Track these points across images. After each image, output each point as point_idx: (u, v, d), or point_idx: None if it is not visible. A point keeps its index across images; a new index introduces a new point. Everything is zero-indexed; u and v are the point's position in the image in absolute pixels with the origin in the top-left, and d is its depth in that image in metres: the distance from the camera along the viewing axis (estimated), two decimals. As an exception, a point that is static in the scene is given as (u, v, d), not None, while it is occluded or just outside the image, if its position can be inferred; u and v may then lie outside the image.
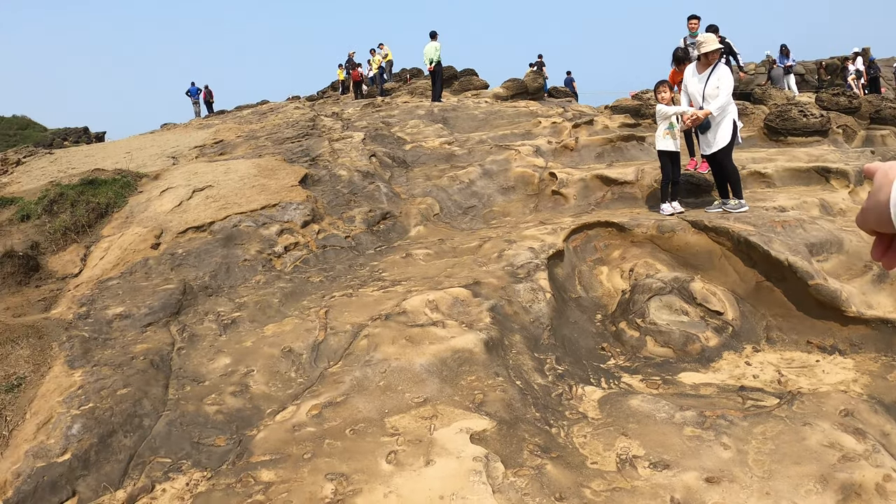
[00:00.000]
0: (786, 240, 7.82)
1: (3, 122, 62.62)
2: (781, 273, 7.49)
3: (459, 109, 19.95)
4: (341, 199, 11.53)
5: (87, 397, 5.89)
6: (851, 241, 8.09)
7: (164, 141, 20.93)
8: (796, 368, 6.66)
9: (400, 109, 20.86)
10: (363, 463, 4.77)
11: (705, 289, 7.75)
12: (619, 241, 9.10)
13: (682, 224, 8.64)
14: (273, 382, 6.22)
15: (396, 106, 22.49)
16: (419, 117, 18.67)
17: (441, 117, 18.75)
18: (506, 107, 20.28)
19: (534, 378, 6.08)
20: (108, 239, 10.40)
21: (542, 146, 14.30)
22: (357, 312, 7.17)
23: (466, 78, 31.26)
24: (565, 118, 17.31)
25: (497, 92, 25.86)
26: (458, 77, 31.85)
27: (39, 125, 63.28)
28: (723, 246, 8.17)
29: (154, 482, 5.01)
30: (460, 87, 29.80)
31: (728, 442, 4.97)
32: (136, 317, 7.70)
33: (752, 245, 7.77)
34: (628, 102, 18.61)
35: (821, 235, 8.10)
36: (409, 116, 18.91)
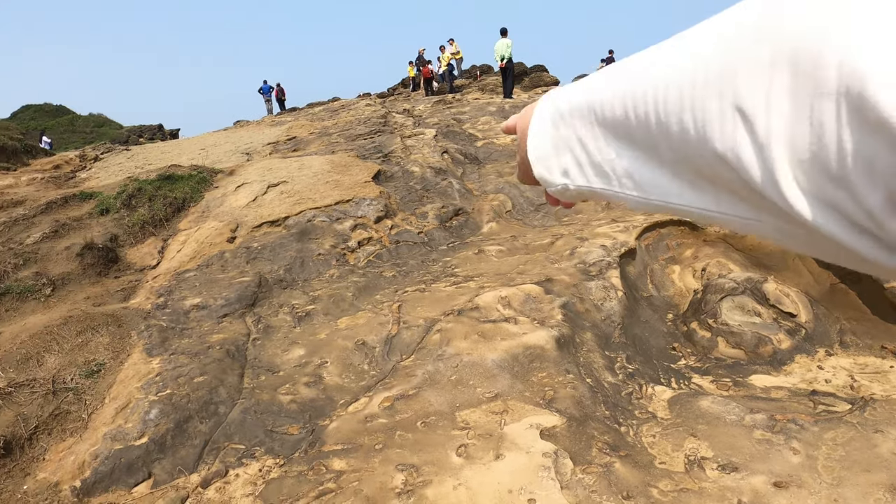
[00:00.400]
0: (862, 242, 7.69)
1: (80, 120, 64.23)
2: (856, 275, 7.40)
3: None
4: (414, 196, 11.65)
5: (165, 384, 6.11)
6: (929, 243, 7.93)
7: (238, 138, 21.24)
8: (869, 374, 6.57)
9: (471, 106, 20.88)
10: (433, 455, 4.87)
11: (778, 290, 7.68)
12: (691, 240, 9.04)
13: (756, 225, 8.55)
14: (346, 374, 6.36)
15: (467, 103, 22.52)
16: (490, 114, 18.67)
17: (512, 114, 18.62)
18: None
19: (604, 376, 6.12)
20: (185, 232, 10.66)
21: (615, 143, 14.19)
22: (429, 307, 7.27)
23: (537, 74, 31.23)
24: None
25: (568, 88, 25.70)
26: (528, 73, 31.84)
27: (115, 122, 64.75)
28: (797, 247, 8.07)
29: (228, 467, 5.18)
30: (531, 83, 29.78)
31: (798, 447, 4.96)
32: (212, 308, 7.90)
33: (827, 246, 7.66)
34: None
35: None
36: (480, 113, 18.92)
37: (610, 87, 0.87)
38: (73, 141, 49.60)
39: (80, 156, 18.96)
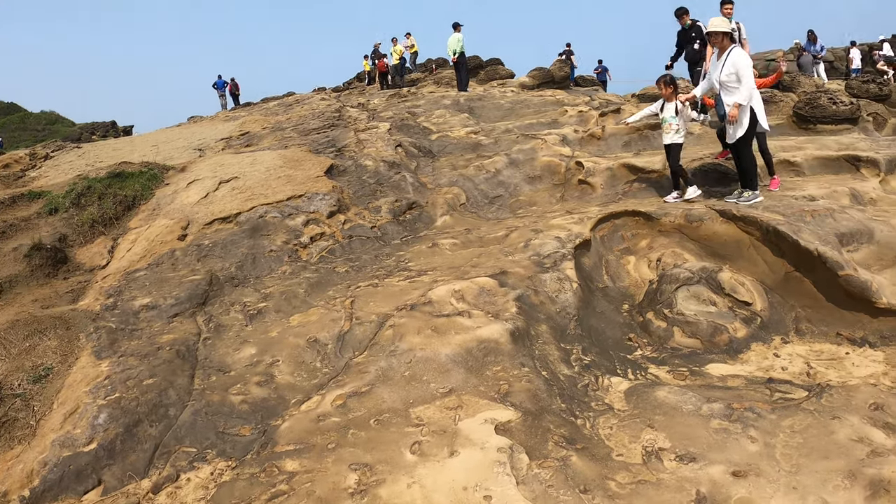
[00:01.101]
0: (815, 229, 7.71)
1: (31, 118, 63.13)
2: (811, 263, 7.39)
3: (485, 99, 19.88)
4: (367, 190, 11.53)
5: (114, 387, 5.95)
6: (882, 230, 7.97)
7: (191, 133, 20.98)
8: (825, 361, 6.57)
9: (426, 100, 20.79)
10: (387, 453, 4.77)
11: (734, 279, 7.66)
12: (646, 231, 9.03)
13: (711, 213, 8.55)
14: (298, 372, 6.24)
15: (422, 96, 22.44)
16: (445, 107, 18.60)
17: (467, 107, 18.67)
18: (532, 96, 20.21)
19: (560, 369, 6.05)
20: (136, 231, 10.46)
21: (569, 135, 14.22)
22: (383, 302, 7.17)
23: (492, 67, 31.15)
24: (592, 107, 17.22)
25: (523, 81, 25.75)
26: (483, 67, 31.73)
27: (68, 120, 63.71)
28: (751, 235, 8.07)
29: (179, 471, 5.06)
30: (486, 76, 29.71)
31: (755, 435, 4.91)
32: (162, 308, 7.75)
33: (781, 235, 7.67)
34: (656, 91, 18.42)
35: (851, 225, 7.98)
36: (434, 106, 18.84)
37: None
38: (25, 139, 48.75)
39: (31, 154, 18.58)
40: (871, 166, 10.80)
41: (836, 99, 14.23)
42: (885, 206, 9.36)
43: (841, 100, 14.26)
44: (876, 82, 17.30)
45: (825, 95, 14.49)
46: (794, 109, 14.65)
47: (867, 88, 16.96)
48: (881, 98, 16.81)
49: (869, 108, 15.94)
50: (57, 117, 64.34)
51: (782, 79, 19.27)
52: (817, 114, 14.15)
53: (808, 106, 14.36)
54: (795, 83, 18.84)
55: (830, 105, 14.10)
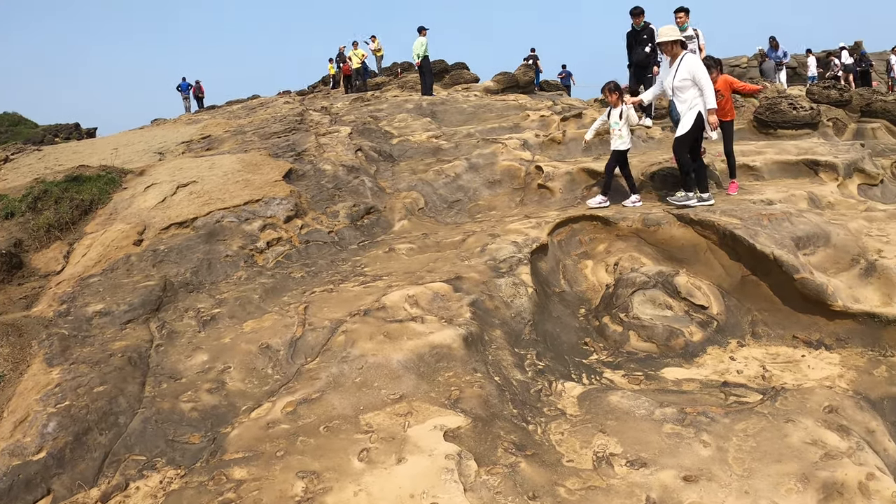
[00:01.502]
0: (772, 233, 7.71)
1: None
2: (767, 267, 7.39)
3: (448, 103, 19.86)
4: (325, 194, 11.42)
5: (64, 395, 5.82)
6: (839, 234, 7.99)
7: (152, 136, 20.79)
8: (781, 363, 6.56)
9: (389, 104, 20.70)
10: (335, 461, 4.68)
11: (690, 283, 7.65)
12: (604, 235, 9.00)
13: (668, 217, 8.53)
14: (249, 379, 6.13)
15: (385, 100, 22.35)
16: (407, 111, 18.55)
17: (429, 111, 18.64)
18: (495, 100, 20.21)
19: (513, 374, 5.98)
20: (91, 236, 10.27)
21: (530, 139, 14.20)
22: (336, 308, 7.07)
23: (457, 72, 31.21)
24: (554, 111, 17.23)
25: (487, 86, 25.80)
26: (448, 71, 31.80)
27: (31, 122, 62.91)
28: (708, 239, 8.07)
29: (128, 480, 4.95)
30: (451, 80, 29.74)
31: (708, 439, 4.88)
32: (115, 314, 7.60)
33: (737, 238, 7.66)
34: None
35: (808, 229, 7.99)
36: (397, 110, 18.78)
37: None
38: (-14, 141, 48.04)
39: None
40: (830, 170, 10.87)
41: (796, 104, 14.34)
42: (843, 210, 9.42)
43: (801, 105, 14.37)
44: (836, 88, 17.46)
45: (786, 101, 14.59)
46: (755, 114, 14.73)
47: (828, 94, 17.11)
48: (841, 104, 16.98)
49: (829, 114, 16.10)
50: (20, 119, 63.49)
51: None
52: (778, 119, 14.25)
53: (768, 111, 14.46)
54: (757, 88, 18.95)
55: (791, 110, 14.20)
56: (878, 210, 9.33)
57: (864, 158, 11.45)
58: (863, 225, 8.34)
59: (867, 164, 11.39)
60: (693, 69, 9.17)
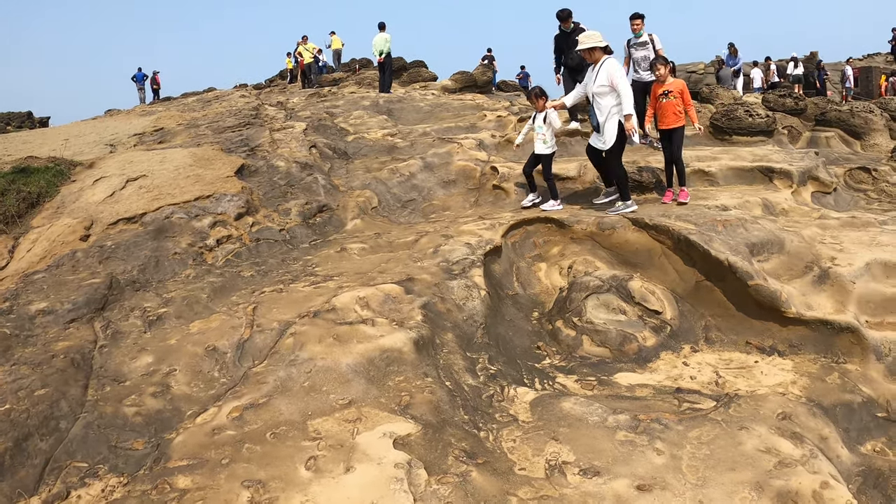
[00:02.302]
0: (726, 239, 7.70)
1: (-60, 106, 60.97)
2: (721, 273, 7.37)
3: (405, 101, 19.76)
4: (278, 191, 11.24)
5: (4, 398, 5.56)
6: (793, 241, 8.01)
7: (105, 128, 20.47)
8: (734, 369, 6.54)
9: (345, 100, 20.55)
10: (281, 469, 4.53)
11: (644, 287, 7.61)
12: (558, 238, 8.93)
13: (623, 221, 8.48)
14: (195, 382, 5.93)
15: (342, 96, 22.21)
16: (364, 108, 18.39)
17: (386, 109, 18.50)
18: (452, 99, 20.13)
19: (464, 379, 5.88)
20: (38, 230, 9.99)
21: (486, 140, 14.10)
22: (286, 309, 6.90)
23: (415, 70, 31.14)
24: (511, 112, 17.15)
25: (445, 84, 25.71)
26: (407, 69, 31.72)
27: (-20, 110, 61.74)
28: (663, 244, 8.03)
29: (69, 488, 4.75)
30: (409, 78, 29.66)
31: (661, 447, 4.81)
32: (59, 312, 7.35)
33: (692, 244, 7.63)
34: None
35: (762, 235, 8.00)
36: (353, 107, 18.61)
37: None
38: (-65, 130, 47.03)
39: (-68, 147, 17.88)
40: (785, 178, 10.95)
41: (752, 111, 14.45)
42: (797, 217, 9.47)
43: (757, 112, 14.49)
44: (792, 97, 17.63)
45: (742, 108, 14.70)
46: (711, 120, 14.84)
47: (783, 102, 17.29)
48: (797, 112, 17.16)
49: (785, 122, 16.26)
50: (-31, 107, 62.31)
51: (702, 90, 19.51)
52: (734, 125, 14.36)
53: (724, 117, 14.57)
54: (714, 95, 19.09)
55: (747, 117, 14.31)
56: (831, 218, 9.40)
57: (818, 166, 11.53)
58: (816, 232, 8.39)
59: (821, 172, 11.48)
60: (611, 74, 9.19)
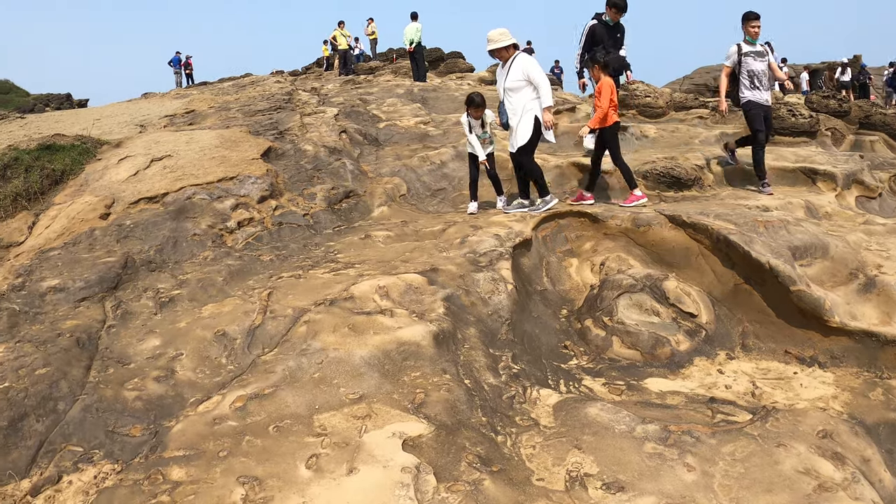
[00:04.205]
0: (768, 241, 7.34)
1: (-17, 87, 61.93)
2: (762, 276, 7.01)
3: (440, 90, 19.59)
4: (304, 175, 11.02)
5: (4, 376, 5.40)
6: (837, 246, 7.63)
7: (137, 109, 20.50)
8: (772, 380, 6.18)
9: (380, 87, 20.43)
10: (281, 466, 4.25)
11: (679, 288, 7.26)
12: (591, 233, 8.60)
13: (660, 218, 8.13)
14: (201, 368, 5.69)
15: (377, 84, 22.11)
16: (398, 96, 18.25)
17: (420, 97, 18.34)
18: (488, 90, 19.84)
19: (485, 377, 5.55)
20: (58, 207, 9.89)
21: (520, 130, 13.81)
22: (302, 296, 6.64)
23: (452, 60, 31.05)
24: (548, 105, 16.88)
25: (482, 75, 25.57)
26: (444, 59, 31.65)
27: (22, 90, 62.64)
28: (701, 244, 7.68)
29: (62, 472, 4.55)
30: (445, 69, 29.56)
31: (693, 462, 4.46)
32: (70, 290, 7.21)
33: (732, 244, 7.28)
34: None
35: (805, 238, 7.63)
36: (387, 95, 18.48)
37: None
38: (-25, 108, 47.62)
39: (-30, 123, 18.00)
40: (828, 180, 10.60)
41: (795, 111, 14.04)
42: (841, 221, 9.07)
43: (800, 112, 14.07)
44: (835, 98, 17.16)
45: (785, 107, 14.27)
46: (754, 119, 14.41)
47: (827, 104, 16.80)
48: (840, 114, 16.67)
49: (828, 123, 15.80)
50: (11, 87, 63.20)
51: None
52: (776, 125, 13.92)
53: (767, 117, 14.15)
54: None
55: (790, 117, 13.88)
56: (877, 223, 8.98)
57: (863, 170, 11.15)
58: (861, 238, 7.99)
59: (866, 175, 11.10)
60: (526, 67, 9.06)
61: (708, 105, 16.17)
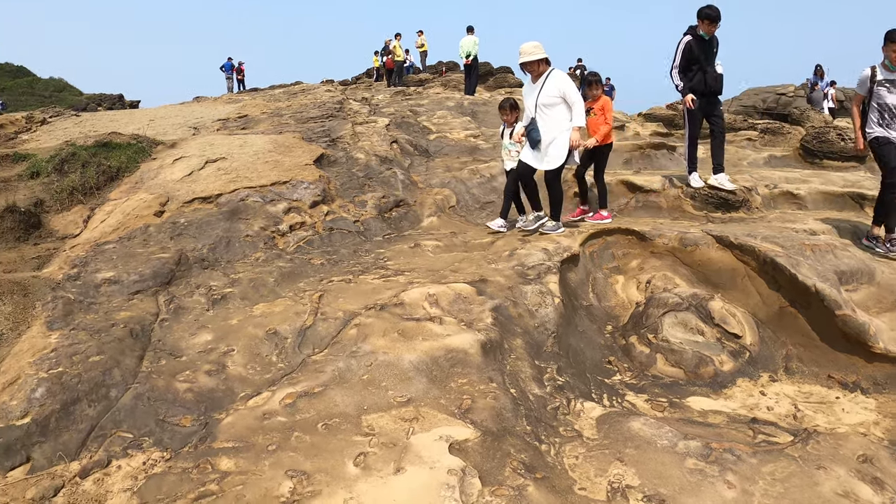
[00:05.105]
0: (814, 265, 7.36)
1: (39, 84, 63.07)
2: (807, 299, 7.03)
3: (490, 104, 19.65)
4: (355, 183, 11.19)
5: (59, 361, 5.60)
6: (884, 272, 7.63)
7: (191, 112, 20.80)
8: (814, 404, 6.20)
9: (430, 100, 20.58)
10: (329, 462, 4.37)
11: (725, 309, 7.29)
12: (638, 251, 8.66)
13: (707, 238, 8.18)
14: (252, 365, 5.85)
15: (427, 96, 22.28)
16: (448, 109, 18.36)
17: (470, 111, 18.44)
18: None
19: (530, 388, 5.65)
20: (114, 202, 10.17)
21: (570, 148, 13.91)
22: (352, 299, 6.79)
23: (502, 75, 31.20)
24: (597, 123, 16.94)
25: (531, 91, 25.56)
26: (493, 73, 31.79)
27: (75, 89, 63.69)
28: (747, 265, 7.71)
29: (111, 457, 4.70)
30: (495, 83, 29.68)
31: (733, 480, 4.51)
32: (125, 283, 7.42)
33: (778, 267, 7.31)
34: (662, 111, 18.19)
35: (852, 263, 7.64)
36: (437, 107, 18.60)
37: None
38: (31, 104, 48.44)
39: (27, 118, 18.45)
40: (877, 206, 10.51)
41: (844, 135, 13.96)
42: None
43: (849, 137, 13.98)
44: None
45: (834, 131, 14.22)
46: (802, 142, 14.40)
47: (876, 129, 16.72)
48: (891, 140, 16.57)
49: (878, 148, 15.69)
50: (65, 85, 64.35)
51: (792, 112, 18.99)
52: (825, 149, 13.89)
53: (815, 140, 14.10)
54: (804, 117, 18.59)
55: (839, 141, 13.83)
56: (925, 251, 8.94)
57: (911, 196, 11.06)
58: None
59: (915, 203, 11.01)
60: (562, 85, 8.78)
61: (756, 127, 16.15)
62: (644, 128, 16.91)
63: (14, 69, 65.46)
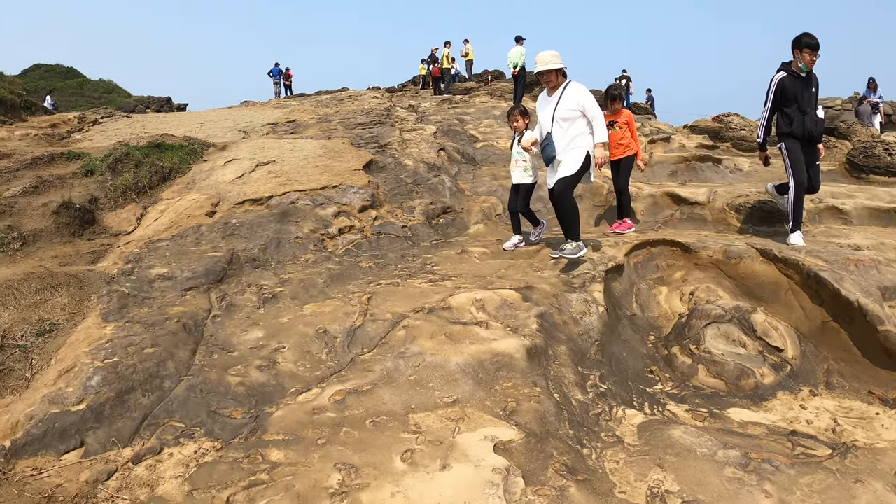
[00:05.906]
0: (858, 280, 7.38)
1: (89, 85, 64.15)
2: (850, 314, 7.05)
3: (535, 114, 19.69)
4: (403, 189, 11.37)
5: (114, 351, 5.85)
6: (928, 289, 7.62)
7: (239, 116, 21.10)
8: (854, 419, 6.23)
9: (476, 108, 20.71)
10: (377, 457, 4.54)
11: (767, 322, 7.34)
12: (682, 262, 8.73)
13: (751, 252, 8.22)
14: (302, 362, 6.05)
15: (473, 105, 22.38)
16: (494, 117, 18.49)
17: (517, 120, 18.50)
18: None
19: (573, 393, 5.77)
20: (166, 202, 10.44)
21: (614, 158, 13.96)
22: (400, 302, 6.97)
23: (547, 85, 31.11)
24: (642, 133, 16.94)
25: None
26: (538, 84, 31.74)
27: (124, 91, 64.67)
28: (791, 279, 7.75)
29: (163, 445, 4.91)
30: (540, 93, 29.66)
31: (771, 489, 4.60)
32: (178, 279, 7.68)
33: (822, 281, 7.34)
34: (708, 124, 18.15)
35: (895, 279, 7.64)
36: (484, 116, 18.74)
37: None
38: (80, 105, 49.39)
39: (80, 118, 18.90)
40: (924, 222, 10.47)
41: (892, 150, 13.85)
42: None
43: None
44: (936, 138, 16.88)
45: (881, 145, 14.10)
46: (848, 157, 14.28)
47: (926, 144, 16.57)
48: (940, 156, 16.41)
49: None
50: (114, 87, 65.42)
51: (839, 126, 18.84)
52: (871, 163, 13.77)
53: (862, 154, 13.99)
54: (851, 131, 18.45)
55: (886, 156, 13.71)
56: (971, 271, 8.92)
57: (960, 213, 10.99)
58: (953, 284, 7.95)
59: (963, 219, 10.94)
60: (582, 99, 8.24)
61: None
62: (690, 140, 16.89)
63: (65, 70, 66.67)
